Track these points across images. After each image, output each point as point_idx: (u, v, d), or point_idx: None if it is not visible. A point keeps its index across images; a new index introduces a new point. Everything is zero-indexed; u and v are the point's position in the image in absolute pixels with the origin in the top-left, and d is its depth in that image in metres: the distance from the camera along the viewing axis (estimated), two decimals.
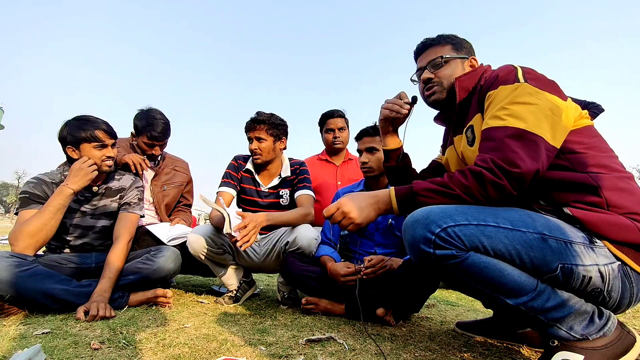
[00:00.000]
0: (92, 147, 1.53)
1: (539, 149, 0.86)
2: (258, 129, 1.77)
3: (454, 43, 1.17)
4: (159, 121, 1.93)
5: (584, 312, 0.83)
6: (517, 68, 0.97)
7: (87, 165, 1.48)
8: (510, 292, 0.82)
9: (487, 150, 0.91)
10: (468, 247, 0.81)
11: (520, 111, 0.89)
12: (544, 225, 0.83)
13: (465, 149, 1.09)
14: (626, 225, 0.83)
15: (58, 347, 0.94)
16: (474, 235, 0.81)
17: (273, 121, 1.79)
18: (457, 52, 1.16)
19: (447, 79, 1.14)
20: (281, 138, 1.84)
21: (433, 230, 0.82)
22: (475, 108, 1.04)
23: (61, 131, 1.54)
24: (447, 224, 0.82)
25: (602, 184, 0.87)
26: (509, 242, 0.81)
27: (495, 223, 0.83)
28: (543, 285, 0.82)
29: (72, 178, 1.46)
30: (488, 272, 0.81)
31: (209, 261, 1.73)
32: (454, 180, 0.90)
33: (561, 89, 0.95)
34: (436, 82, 1.16)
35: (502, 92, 0.94)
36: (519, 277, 0.81)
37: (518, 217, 0.84)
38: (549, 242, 0.81)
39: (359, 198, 1.01)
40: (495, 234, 0.81)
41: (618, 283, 0.83)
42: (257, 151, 1.79)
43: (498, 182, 0.85)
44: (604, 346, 0.81)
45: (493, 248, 0.81)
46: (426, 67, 1.18)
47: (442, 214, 0.84)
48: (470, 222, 0.82)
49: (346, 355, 1.00)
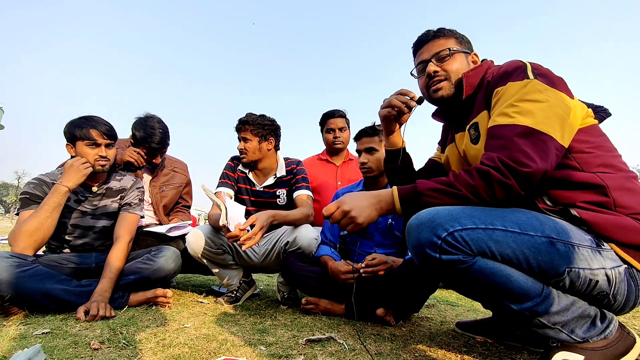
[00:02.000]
0: (85, 145, 1.54)
1: (548, 148, 0.83)
2: (244, 130, 1.82)
3: (457, 37, 1.13)
4: (157, 131, 1.92)
5: (587, 315, 0.82)
6: (526, 64, 0.94)
7: (80, 163, 1.49)
8: (516, 297, 0.80)
9: (495, 148, 0.88)
10: (475, 252, 0.79)
11: (529, 109, 0.86)
12: (552, 229, 0.81)
13: (468, 146, 1.06)
14: (633, 227, 0.82)
15: (58, 347, 0.94)
16: (482, 239, 0.79)
17: (259, 122, 1.82)
18: (461, 46, 1.12)
19: (455, 73, 1.08)
20: (268, 138, 1.85)
21: (439, 234, 0.79)
22: (481, 105, 1.01)
23: (64, 128, 1.56)
24: (454, 227, 0.79)
25: (609, 183, 0.85)
26: (517, 246, 0.79)
27: (503, 227, 0.80)
28: (548, 290, 0.81)
29: (65, 175, 1.47)
30: (495, 278, 0.79)
31: (209, 261, 1.73)
32: (460, 179, 0.88)
33: (569, 87, 0.93)
34: (443, 77, 1.09)
35: (511, 88, 0.91)
36: (525, 282, 0.79)
37: (526, 219, 0.82)
38: (556, 245, 0.79)
39: (360, 197, 0.97)
40: (504, 238, 0.79)
41: (624, 286, 0.82)
42: (243, 151, 1.83)
43: (506, 181, 0.82)
44: (604, 347, 0.81)
45: (501, 253, 0.79)
46: (430, 60, 1.11)
47: (449, 217, 0.81)
48: (477, 226, 0.80)
49: (346, 355, 1.00)
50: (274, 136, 1.88)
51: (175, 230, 1.84)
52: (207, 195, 1.49)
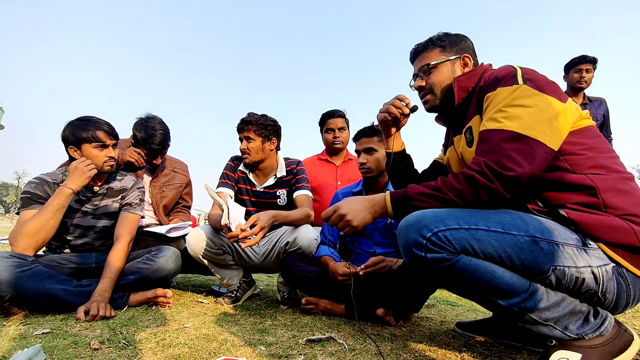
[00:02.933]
0: (93, 147, 1.53)
1: (535, 152, 0.86)
2: (247, 130, 1.80)
3: (443, 45, 1.15)
4: (157, 132, 1.93)
5: (579, 312, 0.84)
6: (516, 69, 0.96)
7: (84, 165, 1.49)
8: (502, 293, 0.83)
9: (483, 153, 0.91)
10: (458, 250, 0.83)
11: (517, 113, 0.89)
12: (536, 228, 0.83)
13: (464, 149, 1.10)
14: (621, 227, 0.83)
15: (58, 347, 0.94)
16: (464, 238, 0.83)
17: (262, 122, 1.81)
18: (447, 54, 1.15)
19: (437, 85, 1.15)
20: (271, 138, 1.85)
21: (424, 234, 0.84)
22: (474, 109, 1.04)
23: (64, 131, 1.54)
24: (439, 228, 0.84)
25: (599, 185, 0.87)
26: (498, 245, 0.82)
27: (486, 226, 0.84)
28: (536, 286, 0.83)
29: (70, 177, 1.46)
30: (478, 274, 0.83)
31: (209, 262, 1.73)
32: (447, 184, 0.92)
33: (561, 90, 0.95)
34: (427, 90, 1.17)
35: (501, 94, 0.94)
36: (510, 278, 0.82)
37: (510, 220, 0.85)
38: (540, 244, 0.81)
39: (356, 202, 1.04)
40: (486, 237, 0.83)
41: (613, 284, 0.83)
42: (246, 151, 1.82)
43: (490, 185, 0.86)
44: (601, 344, 0.82)
45: (483, 251, 0.82)
46: (418, 75, 1.19)
47: (434, 219, 0.86)
48: (461, 226, 0.84)
49: (346, 355, 1.00)
50: (276, 136, 1.88)
51: (175, 231, 1.84)
52: (209, 194, 1.49)
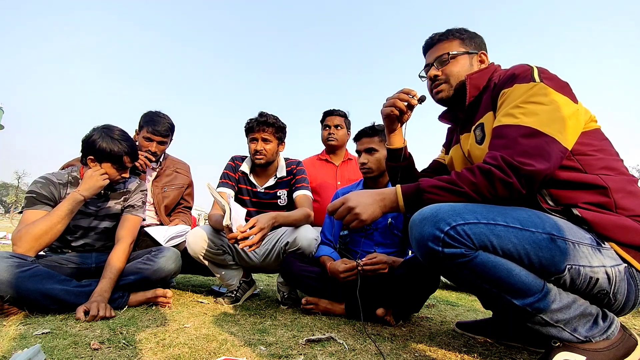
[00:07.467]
0: (112, 167, 1.55)
1: (551, 149, 0.85)
2: (266, 131, 1.79)
3: (463, 38, 1.15)
4: (162, 119, 2.00)
5: (589, 314, 0.83)
6: (533, 67, 0.96)
7: (99, 174, 1.51)
8: (518, 292, 0.81)
9: (498, 147, 0.89)
10: (477, 246, 0.81)
11: (535, 110, 0.88)
12: (553, 226, 0.82)
13: (472, 147, 1.08)
14: (634, 227, 0.83)
15: (58, 347, 0.94)
16: (484, 234, 0.80)
17: (279, 124, 1.83)
18: (466, 48, 1.14)
19: (455, 76, 1.12)
20: (283, 141, 1.89)
21: (442, 228, 0.81)
22: (487, 106, 1.03)
23: (89, 138, 1.52)
24: (457, 222, 0.81)
25: (611, 185, 0.87)
26: (518, 241, 0.80)
27: (504, 222, 0.81)
28: (549, 287, 0.82)
29: (84, 185, 1.48)
30: (496, 271, 0.80)
31: (209, 262, 1.73)
32: (462, 177, 0.89)
33: (573, 92, 0.95)
34: (443, 80, 1.14)
35: (518, 90, 0.93)
36: (526, 277, 0.81)
37: (527, 216, 0.83)
38: (557, 242, 0.80)
39: (365, 195, 1.00)
40: (505, 233, 0.80)
41: (624, 285, 0.83)
42: (263, 152, 1.79)
43: (507, 180, 0.84)
44: (606, 348, 0.81)
45: (502, 247, 0.80)
46: (433, 64, 1.16)
47: (452, 212, 0.83)
48: (479, 221, 0.81)
49: (346, 355, 1.00)
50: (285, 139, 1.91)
51: (173, 240, 1.84)
52: (211, 194, 1.49)
